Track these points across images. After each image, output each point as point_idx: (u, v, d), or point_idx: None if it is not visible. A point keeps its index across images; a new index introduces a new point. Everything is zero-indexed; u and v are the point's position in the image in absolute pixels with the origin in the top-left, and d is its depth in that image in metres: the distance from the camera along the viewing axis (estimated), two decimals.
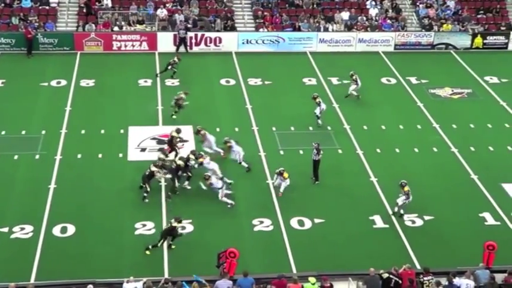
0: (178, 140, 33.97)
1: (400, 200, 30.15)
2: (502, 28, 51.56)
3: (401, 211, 30.43)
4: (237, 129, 37.80)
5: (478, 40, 50.60)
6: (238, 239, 28.26)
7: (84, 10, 48.90)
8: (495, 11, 52.74)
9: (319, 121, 37.82)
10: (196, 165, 31.93)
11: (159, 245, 27.31)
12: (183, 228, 28.51)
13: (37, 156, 34.24)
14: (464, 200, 32.18)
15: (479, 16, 52.23)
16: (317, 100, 37.71)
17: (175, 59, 43.43)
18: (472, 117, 39.72)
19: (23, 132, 36.38)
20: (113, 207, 30.50)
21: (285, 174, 31.42)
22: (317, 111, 37.64)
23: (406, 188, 30.03)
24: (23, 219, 29.36)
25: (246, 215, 30.49)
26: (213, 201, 31.14)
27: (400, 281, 24.98)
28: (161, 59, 46.40)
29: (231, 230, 29.38)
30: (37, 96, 40.88)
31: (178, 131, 34.25)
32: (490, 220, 30.82)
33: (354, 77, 41.05)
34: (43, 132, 36.34)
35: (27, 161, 33.94)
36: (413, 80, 44.92)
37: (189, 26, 48.48)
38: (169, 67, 43.34)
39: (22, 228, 28.81)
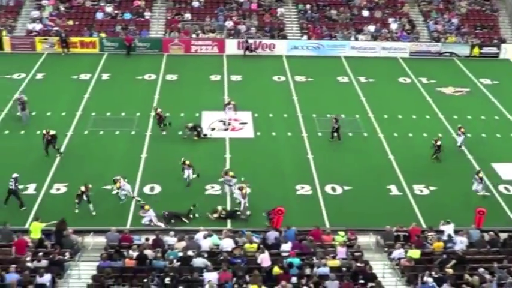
0: None
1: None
2: (495, 41, 50.41)
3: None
4: (285, 115, 37.64)
5: (476, 50, 49.41)
6: (285, 200, 28.18)
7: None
8: (490, 27, 51.54)
9: (460, 149, 34.00)
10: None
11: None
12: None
13: (133, 133, 34.61)
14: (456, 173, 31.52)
15: (477, 31, 51.04)
16: (462, 130, 33.97)
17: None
18: (469, 110, 38.87)
19: (123, 113, 36.75)
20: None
21: None
22: (459, 141, 33.97)
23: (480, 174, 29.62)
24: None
25: (290, 182, 30.40)
26: (266, 174, 31.25)
27: (408, 235, 24.95)
28: (228, 60, 46.39)
29: (279, 193, 29.29)
30: (133, 87, 41.20)
31: None
32: None
33: None
34: (138, 114, 36.59)
35: (126, 136, 34.35)
36: (424, 80, 44.04)
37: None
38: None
39: None
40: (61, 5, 49.97)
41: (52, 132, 31.46)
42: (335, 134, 34.29)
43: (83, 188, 27.00)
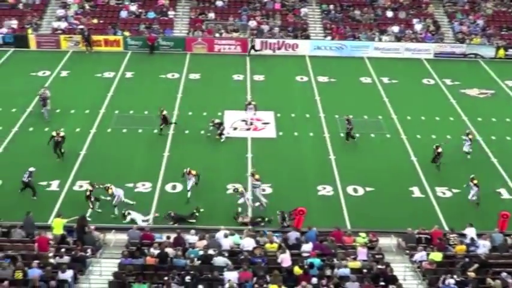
0: None
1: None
2: None
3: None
4: (307, 115, 37.55)
5: (501, 52, 48.84)
6: (306, 200, 28.15)
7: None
8: None
9: (468, 156, 32.76)
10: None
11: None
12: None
13: (155, 131, 34.67)
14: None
15: (502, 32, 50.51)
16: (469, 136, 33.00)
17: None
18: (494, 112, 38.48)
19: (146, 112, 36.91)
20: (211, 169, 30.42)
21: None
22: (466, 147, 32.76)
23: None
24: (144, 177, 29.98)
25: (312, 183, 30.33)
26: (288, 174, 31.21)
27: (430, 237, 24.75)
28: (251, 60, 46.36)
29: (301, 194, 29.26)
30: (157, 85, 41.35)
31: None
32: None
33: None
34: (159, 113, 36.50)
35: (148, 134, 34.49)
36: (448, 81, 43.65)
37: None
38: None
39: (143, 184, 29.47)
40: (86, 3, 50.42)
41: (62, 134, 31.39)
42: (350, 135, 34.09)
43: (90, 187, 27.06)
